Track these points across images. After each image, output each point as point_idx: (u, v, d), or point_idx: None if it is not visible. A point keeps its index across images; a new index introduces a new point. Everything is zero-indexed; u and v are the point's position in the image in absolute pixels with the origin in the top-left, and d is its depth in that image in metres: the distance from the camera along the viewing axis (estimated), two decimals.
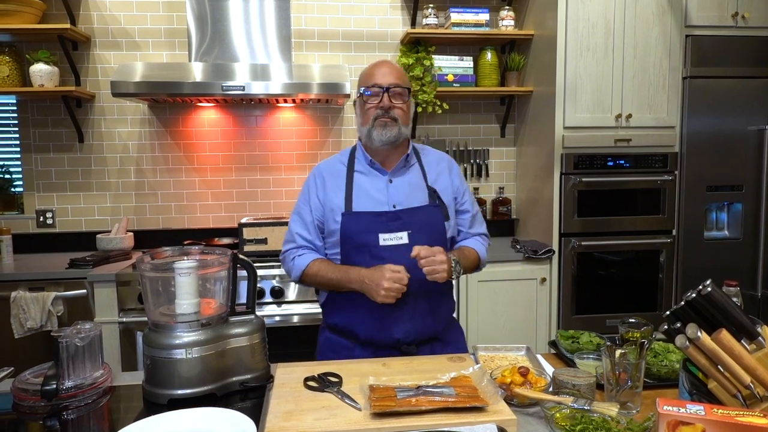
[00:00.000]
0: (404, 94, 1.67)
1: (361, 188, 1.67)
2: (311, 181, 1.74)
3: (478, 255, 1.78)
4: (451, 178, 1.77)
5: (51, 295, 2.57)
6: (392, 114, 1.64)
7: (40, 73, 2.90)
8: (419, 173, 1.73)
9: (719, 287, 1.32)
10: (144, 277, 1.33)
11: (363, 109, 1.69)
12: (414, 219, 1.64)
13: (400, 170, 1.71)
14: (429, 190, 1.70)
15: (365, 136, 1.67)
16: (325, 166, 1.75)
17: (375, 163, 1.70)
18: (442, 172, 1.76)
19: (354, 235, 1.63)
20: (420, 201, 1.68)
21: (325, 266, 1.65)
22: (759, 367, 0.95)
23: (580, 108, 2.92)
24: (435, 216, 1.68)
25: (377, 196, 1.66)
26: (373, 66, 1.70)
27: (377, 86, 1.65)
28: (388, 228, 1.62)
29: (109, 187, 3.24)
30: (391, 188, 1.68)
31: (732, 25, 2.99)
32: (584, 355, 1.46)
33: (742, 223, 3.09)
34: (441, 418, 1.12)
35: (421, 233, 1.63)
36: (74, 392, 1.26)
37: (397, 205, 1.66)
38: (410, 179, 1.71)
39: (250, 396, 1.31)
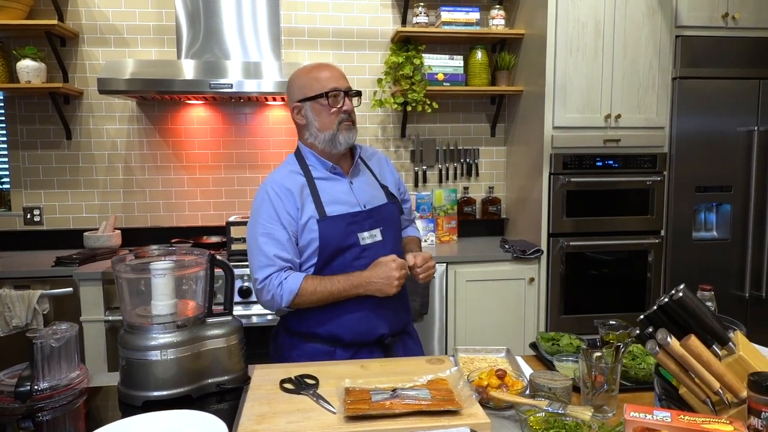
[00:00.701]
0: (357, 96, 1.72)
1: (327, 194, 1.65)
2: (273, 197, 1.61)
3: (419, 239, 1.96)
4: (391, 172, 1.85)
5: (37, 293, 2.56)
6: (352, 117, 1.67)
7: (27, 70, 2.88)
8: (369, 173, 1.79)
9: (701, 290, 1.33)
10: (120, 278, 1.33)
11: (323, 114, 1.64)
12: (382, 216, 1.70)
13: (355, 171, 1.75)
14: (383, 188, 1.77)
15: (327, 141, 1.65)
16: (282, 180, 1.64)
17: (336, 168, 1.69)
18: (383, 168, 1.84)
19: (334, 239, 1.60)
20: (380, 199, 1.73)
21: (320, 281, 1.57)
22: (728, 373, 0.95)
23: (570, 108, 2.92)
24: (395, 212, 1.76)
25: (346, 199, 1.67)
26: (320, 69, 1.68)
27: (338, 90, 1.64)
28: (363, 227, 1.65)
29: (96, 184, 3.23)
30: (355, 189, 1.70)
31: (722, 26, 2.98)
32: (563, 357, 1.46)
33: (731, 224, 3.09)
34: (415, 422, 1.12)
35: (389, 229, 1.70)
36: (49, 393, 1.25)
37: (366, 204, 1.69)
38: (365, 179, 1.76)
39: (226, 398, 1.31)
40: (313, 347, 1.63)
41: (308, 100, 1.65)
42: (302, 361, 1.59)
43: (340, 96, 1.64)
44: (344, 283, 1.57)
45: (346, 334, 1.62)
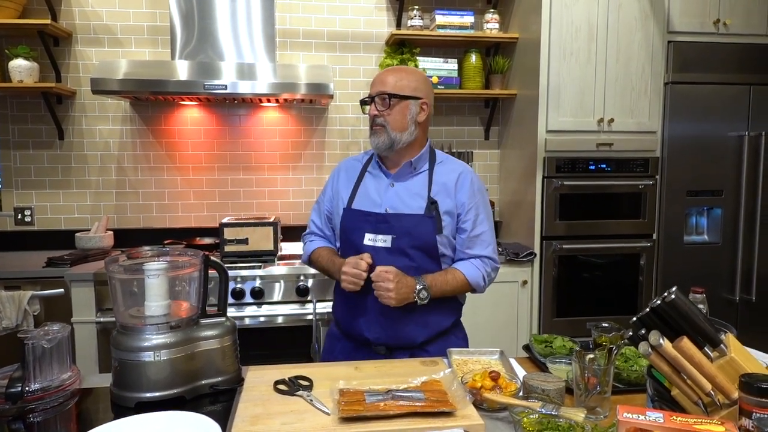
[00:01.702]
0: (386, 100, 1.66)
1: (365, 187, 1.75)
2: (334, 174, 1.86)
3: (465, 278, 1.68)
4: (457, 192, 1.69)
5: (27, 294, 2.54)
6: (378, 121, 1.68)
7: (19, 69, 2.86)
8: (425, 182, 1.70)
9: (693, 293, 1.34)
10: (113, 279, 1.32)
11: None
12: (400, 225, 1.64)
13: (405, 176, 1.72)
14: (428, 201, 1.66)
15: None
16: (345, 162, 1.86)
17: (382, 165, 1.75)
18: (449, 184, 1.69)
19: (347, 230, 1.72)
20: (415, 209, 1.66)
21: (325, 253, 1.79)
22: (719, 374, 0.96)
23: (563, 112, 2.94)
24: (425, 226, 1.64)
25: (374, 198, 1.72)
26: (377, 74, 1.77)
27: (369, 95, 1.72)
28: (374, 228, 1.67)
29: (89, 185, 3.21)
30: (391, 192, 1.71)
31: (714, 32, 3.02)
32: (556, 359, 1.47)
33: (722, 228, 3.12)
34: (409, 423, 1.12)
35: (405, 239, 1.64)
36: (41, 395, 1.24)
37: (390, 209, 1.69)
38: (412, 186, 1.71)
39: (219, 399, 1.30)
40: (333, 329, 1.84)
41: None
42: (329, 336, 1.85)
43: (369, 102, 1.72)
44: (329, 262, 1.75)
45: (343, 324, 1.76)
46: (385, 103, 1.67)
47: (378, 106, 1.68)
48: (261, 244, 2.80)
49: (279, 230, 2.91)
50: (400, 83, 1.68)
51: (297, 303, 2.67)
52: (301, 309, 2.67)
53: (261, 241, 2.80)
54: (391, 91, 1.67)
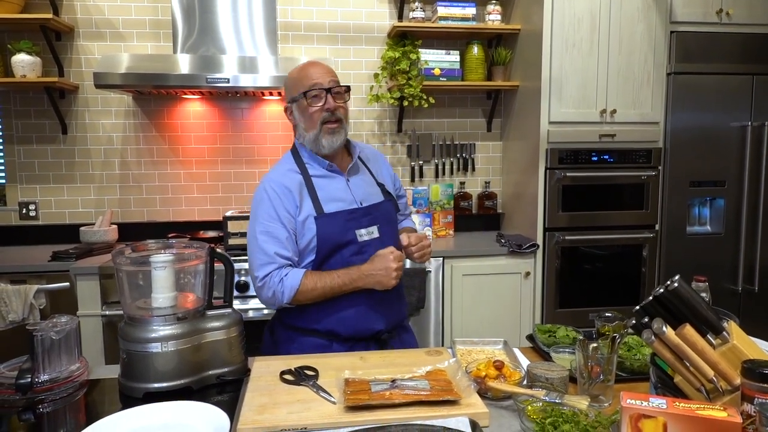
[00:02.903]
0: (344, 92, 1.66)
1: (325, 191, 1.64)
2: (273, 195, 1.60)
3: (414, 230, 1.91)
4: (386, 170, 1.85)
5: (33, 288, 2.56)
6: (338, 114, 1.62)
7: (22, 64, 2.87)
8: (366, 171, 1.79)
9: (696, 281, 1.35)
10: (120, 271, 1.33)
11: (306, 114, 1.63)
12: (379, 213, 1.69)
13: (352, 169, 1.73)
14: (379, 186, 1.77)
15: (311, 142, 1.65)
16: (280, 178, 1.63)
17: (333, 166, 1.68)
18: (379, 165, 1.84)
19: (332, 235, 1.60)
20: (377, 197, 1.73)
21: (320, 277, 1.58)
22: (722, 361, 0.97)
23: (565, 103, 2.93)
24: (392, 209, 1.77)
25: (343, 196, 1.66)
26: (307, 66, 1.65)
27: (318, 86, 1.60)
28: (361, 223, 1.64)
29: (93, 179, 3.22)
30: (352, 187, 1.70)
31: (716, 22, 3.00)
32: (560, 348, 1.48)
33: (724, 219, 3.12)
34: (414, 412, 1.13)
35: (386, 226, 1.70)
36: (49, 386, 1.26)
37: (363, 201, 1.68)
38: (362, 177, 1.75)
39: (226, 389, 1.31)
40: (310, 341, 1.63)
41: (294, 101, 1.66)
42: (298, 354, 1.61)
43: (322, 94, 1.60)
44: (344, 278, 1.57)
45: (343, 330, 1.62)
46: (344, 95, 1.66)
47: (336, 98, 1.62)
48: None
49: None
50: (336, 75, 1.68)
51: None
52: None
53: None
54: (340, 82, 1.65)
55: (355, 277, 1.57)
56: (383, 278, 1.54)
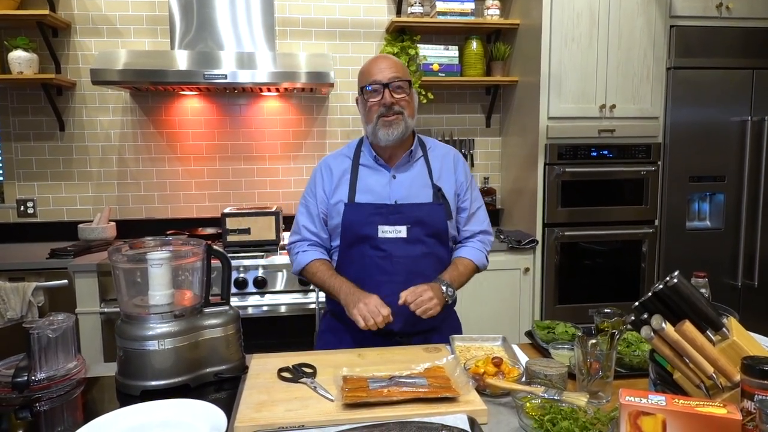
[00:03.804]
0: (405, 86, 1.65)
1: (364, 182, 1.70)
2: (318, 174, 1.76)
3: (473, 263, 1.76)
4: (455, 175, 1.76)
5: (31, 286, 2.55)
6: (396, 109, 1.63)
7: (18, 60, 2.86)
8: (424, 169, 1.73)
9: (696, 277, 1.34)
10: (117, 268, 1.32)
11: (366, 107, 1.67)
12: (414, 214, 1.66)
13: (404, 166, 1.72)
14: (434, 188, 1.71)
15: (371, 134, 1.68)
16: (332, 160, 1.77)
17: (379, 159, 1.71)
18: (447, 168, 1.76)
19: (355, 225, 1.66)
20: (423, 197, 1.69)
21: (323, 271, 1.68)
22: (721, 357, 0.96)
23: (565, 98, 2.92)
24: (436, 214, 1.68)
25: (379, 191, 1.68)
26: (371, 62, 1.69)
27: (377, 83, 1.63)
28: (388, 220, 1.64)
29: (90, 176, 3.21)
30: (394, 184, 1.69)
31: (716, 16, 2.99)
32: (559, 345, 1.47)
33: (724, 214, 3.11)
34: (412, 409, 1.13)
35: (419, 228, 1.66)
36: (47, 384, 1.25)
37: (399, 200, 1.67)
38: (414, 175, 1.72)
39: (224, 387, 1.31)
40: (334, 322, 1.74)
41: (360, 94, 1.70)
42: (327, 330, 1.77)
43: (379, 89, 1.63)
44: (338, 288, 1.61)
45: None
46: (405, 89, 1.65)
47: (395, 93, 1.63)
48: (263, 233, 2.81)
49: (281, 220, 2.91)
50: (404, 70, 1.68)
51: (299, 292, 2.69)
52: (303, 298, 2.68)
53: (263, 231, 2.81)
54: (403, 76, 1.65)
55: (343, 295, 1.58)
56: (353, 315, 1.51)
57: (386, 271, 1.64)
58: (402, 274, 1.64)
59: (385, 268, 1.64)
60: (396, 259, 1.64)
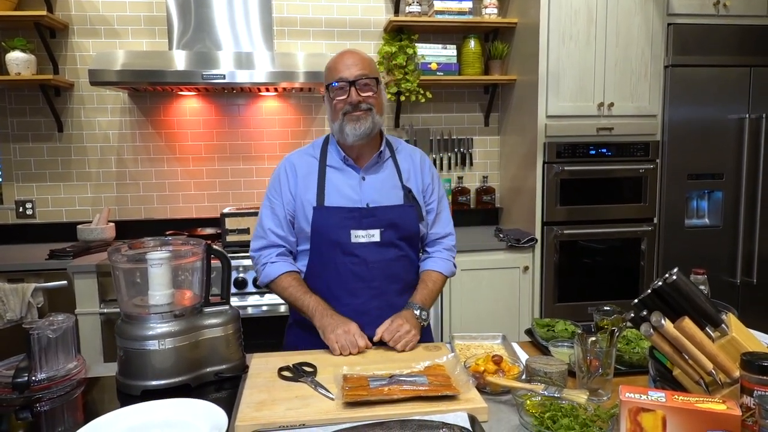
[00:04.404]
0: (372, 84, 1.59)
1: (333, 184, 1.63)
2: (282, 172, 1.67)
3: (441, 275, 1.74)
4: (422, 176, 1.73)
5: (31, 287, 2.55)
6: (363, 106, 1.57)
7: (16, 61, 2.85)
8: (393, 171, 1.70)
9: (695, 274, 1.35)
10: (117, 269, 1.32)
11: (331, 105, 1.62)
12: (387, 217, 1.62)
13: (374, 167, 1.67)
14: (404, 189, 1.67)
15: (337, 132, 1.62)
16: (296, 159, 1.69)
17: (348, 159, 1.65)
18: (415, 169, 1.73)
19: (326, 230, 1.60)
20: (394, 200, 1.65)
21: (294, 287, 1.60)
22: (720, 354, 0.97)
23: (563, 97, 2.93)
24: (409, 216, 1.66)
25: (350, 194, 1.63)
26: (337, 58, 1.62)
27: (343, 80, 1.57)
28: (360, 224, 1.60)
29: (89, 177, 3.21)
30: (365, 186, 1.64)
31: (713, 14, 2.99)
32: (558, 343, 1.47)
33: (723, 211, 3.12)
34: (413, 407, 1.13)
35: (392, 231, 1.63)
36: (47, 384, 1.25)
37: (371, 203, 1.63)
38: (384, 177, 1.67)
39: (224, 386, 1.31)
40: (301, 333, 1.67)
41: (326, 91, 1.64)
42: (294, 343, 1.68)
43: (345, 87, 1.57)
44: (312, 308, 1.56)
45: None
46: (372, 87, 1.59)
47: (362, 91, 1.57)
48: None
49: None
50: (371, 66, 1.62)
51: None
52: None
53: None
54: (371, 74, 1.59)
55: (318, 317, 1.54)
56: (330, 341, 1.47)
57: (362, 278, 1.60)
58: (378, 279, 1.61)
59: (360, 274, 1.61)
60: (371, 264, 1.60)
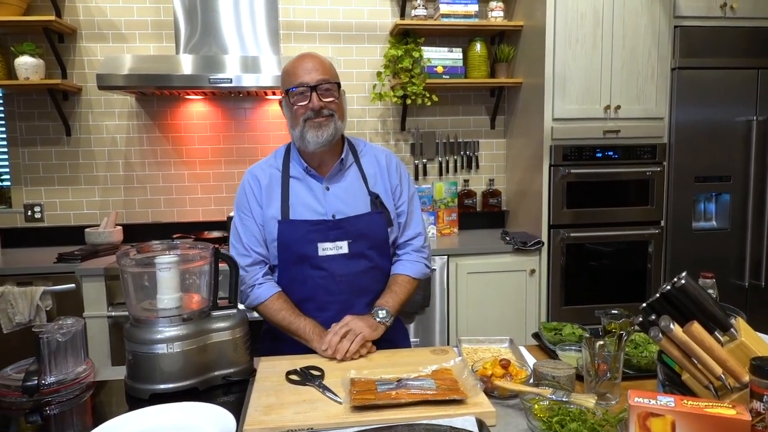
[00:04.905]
0: (334, 89, 1.55)
1: (297, 197, 1.60)
2: (248, 186, 1.63)
3: (408, 277, 1.68)
4: (389, 177, 1.68)
5: (39, 290, 2.57)
6: (325, 112, 1.53)
7: (25, 66, 2.88)
8: (358, 176, 1.65)
9: (703, 278, 1.34)
10: (125, 272, 1.33)
11: (291, 111, 1.56)
12: (354, 227, 1.59)
13: (336, 175, 1.63)
14: (371, 196, 1.63)
15: (298, 139, 1.57)
16: (258, 171, 1.64)
17: (310, 169, 1.61)
18: (381, 172, 1.68)
19: (292, 244, 1.57)
20: (361, 208, 1.61)
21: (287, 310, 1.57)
22: (730, 358, 0.96)
23: (569, 99, 2.92)
24: (377, 224, 1.62)
25: (314, 206, 1.59)
26: (296, 61, 1.56)
27: (303, 85, 1.51)
28: (327, 237, 1.57)
29: (97, 180, 3.23)
30: (329, 196, 1.61)
31: (720, 16, 2.98)
32: (566, 346, 1.47)
33: (730, 214, 3.10)
34: (420, 411, 1.13)
35: (361, 242, 1.60)
36: (56, 388, 1.26)
37: (337, 214, 1.59)
38: (348, 185, 1.63)
39: (232, 390, 1.31)
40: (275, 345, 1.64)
41: (284, 96, 1.59)
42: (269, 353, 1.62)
43: (306, 92, 1.51)
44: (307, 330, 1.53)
45: None
46: (333, 93, 1.54)
47: (324, 96, 1.52)
48: None
49: None
50: (332, 70, 1.58)
51: None
52: None
53: None
54: (332, 78, 1.54)
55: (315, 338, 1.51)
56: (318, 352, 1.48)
57: (330, 291, 1.58)
58: (345, 293, 1.59)
59: (327, 287, 1.58)
60: (338, 278, 1.58)
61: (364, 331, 1.48)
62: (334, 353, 1.44)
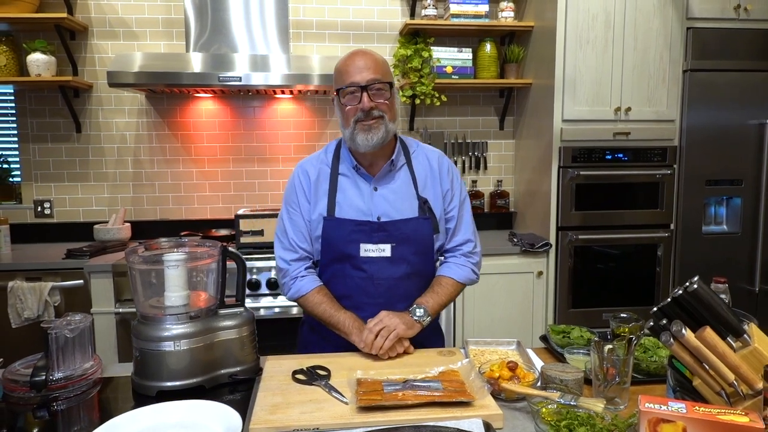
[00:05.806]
0: (386, 89, 1.51)
1: (344, 194, 1.58)
2: (297, 181, 1.62)
3: (453, 281, 1.64)
4: (440, 182, 1.64)
5: (48, 285, 2.58)
6: (375, 113, 1.49)
7: (37, 63, 2.89)
8: (408, 179, 1.61)
9: (716, 282, 1.32)
10: (133, 269, 1.33)
11: (342, 111, 1.54)
12: (399, 232, 1.56)
13: (386, 177, 1.60)
14: (419, 200, 1.59)
15: (348, 139, 1.55)
16: (309, 166, 1.63)
17: (360, 168, 1.59)
18: (432, 175, 1.64)
19: (335, 242, 1.56)
20: (407, 212, 1.58)
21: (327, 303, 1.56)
22: (743, 365, 0.95)
23: (579, 101, 2.90)
24: (423, 229, 1.59)
25: (360, 206, 1.57)
26: (347, 60, 1.53)
27: (354, 84, 1.48)
28: (371, 239, 1.54)
29: (106, 177, 3.24)
30: (376, 197, 1.58)
31: (734, 18, 2.95)
32: (574, 350, 1.46)
33: (741, 218, 3.07)
34: (427, 413, 1.12)
35: (405, 246, 1.57)
36: (64, 383, 1.26)
37: (382, 216, 1.56)
38: (397, 187, 1.60)
39: (238, 388, 1.31)
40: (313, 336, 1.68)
41: (336, 95, 1.56)
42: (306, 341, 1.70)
43: (357, 93, 1.48)
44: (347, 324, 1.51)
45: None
46: (385, 93, 1.50)
47: (375, 97, 1.49)
48: None
49: None
50: (384, 69, 1.53)
51: None
52: None
53: None
54: (383, 78, 1.50)
55: (354, 332, 1.50)
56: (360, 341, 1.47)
57: (368, 293, 1.56)
58: (383, 297, 1.56)
59: (366, 289, 1.57)
60: (377, 281, 1.56)
61: (399, 328, 1.45)
62: (370, 350, 1.44)
